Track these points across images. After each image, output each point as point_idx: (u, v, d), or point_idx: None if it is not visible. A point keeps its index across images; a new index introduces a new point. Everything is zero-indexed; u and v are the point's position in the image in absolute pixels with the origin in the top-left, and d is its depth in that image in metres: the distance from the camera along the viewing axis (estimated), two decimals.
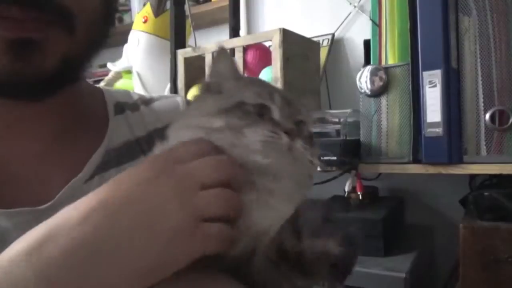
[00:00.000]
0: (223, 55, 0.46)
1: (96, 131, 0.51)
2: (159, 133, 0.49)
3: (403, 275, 0.91)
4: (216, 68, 0.46)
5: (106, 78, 1.82)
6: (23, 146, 0.46)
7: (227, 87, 0.44)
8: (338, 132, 1.06)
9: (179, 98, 0.61)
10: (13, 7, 0.36)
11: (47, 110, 0.46)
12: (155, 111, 0.57)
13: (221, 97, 0.43)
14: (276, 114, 0.41)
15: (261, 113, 0.40)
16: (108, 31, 0.48)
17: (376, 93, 1.04)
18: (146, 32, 1.64)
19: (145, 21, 1.65)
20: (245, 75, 1.32)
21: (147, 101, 0.58)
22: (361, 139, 1.08)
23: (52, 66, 0.40)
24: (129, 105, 0.56)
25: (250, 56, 1.30)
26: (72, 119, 0.50)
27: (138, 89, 1.67)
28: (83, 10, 0.42)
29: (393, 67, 1.03)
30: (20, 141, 0.46)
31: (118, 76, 1.82)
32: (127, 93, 0.58)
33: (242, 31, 1.74)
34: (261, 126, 0.39)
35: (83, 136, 0.50)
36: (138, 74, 1.67)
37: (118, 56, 1.75)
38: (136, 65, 1.68)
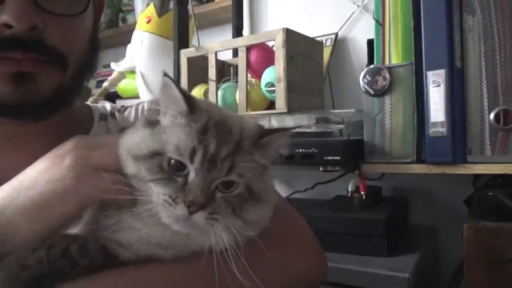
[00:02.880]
0: (171, 83, 0.40)
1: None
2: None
3: (407, 275, 0.90)
4: (162, 95, 0.41)
5: (110, 78, 1.83)
6: (21, 157, 0.54)
7: (164, 122, 0.41)
8: (341, 132, 1.06)
9: (146, 103, 0.73)
10: (17, 51, 0.50)
11: (42, 128, 0.58)
12: (125, 117, 0.72)
13: (150, 134, 0.41)
14: (191, 176, 0.38)
15: (179, 167, 0.39)
16: (93, 63, 0.62)
17: (380, 93, 1.04)
18: (150, 32, 1.65)
19: (149, 21, 1.65)
20: (249, 75, 1.32)
21: (121, 110, 0.73)
22: (364, 139, 1.07)
23: (46, 94, 0.53)
24: (109, 114, 0.71)
25: (253, 55, 1.30)
26: (64, 133, 0.59)
27: (141, 89, 1.68)
28: (74, 52, 0.55)
29: (396, 66, 1.03)
30: (19, 153, 0.57)
31: (122, 76, 1.82)
32: (104, 106, 0.74)
33: (245, 30, 1.74)
34: (163, 188, 0.38)
35: None
36: (142, 74, 1.67)
37: (122, 56, 1.75)
38: (139, 65, 1.68)
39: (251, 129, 0.43)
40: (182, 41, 1.49)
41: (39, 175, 0.42)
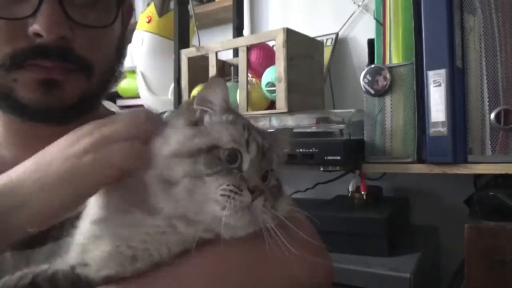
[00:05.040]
0: (217, 83, 0.44)
1: None
2: None
3: (408, 275, 0.90)
4: (206, 95, 0.44)
5: None
6: None
7: (209, 120, 0.44)
8: (342, 132, 1.06)
9: (164, 116, 0.73)
10: (45, 59, 0.52)
11: (66, 131, 0.60)
12: None
13: (197, 132, 0.42)
14: (246, 165, 0.41)
15: (232, 159, 0.41)
16: (119, 71, 0.64)
17: (380, 93, 1.04)
18: (150, 32, 1.65)
19: (149, 21, 1.65)
20: (249, 75, 1.32)
21: None
22: (365, 139, 1.07)
23: (71, 101, 0.55)
24: None
25: (253, 55, 1.30)
26: None
27: (142, 89, 1.68)
28: (100, 61, 0.58)
29: (397, 66, 1.03)
30: None
31: (122, 75, 1.82)
32: None
33: (246, 30, 1.75)
34: (226, 178, 0.39)
35: None
36: (142, 74, 1.67)
37: None
38: (140, 65, 1.68)
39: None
40: (183, 41, 1.49)
41: (58, 152, 0.42)
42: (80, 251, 0.41)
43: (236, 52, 1.44)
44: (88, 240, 0.42)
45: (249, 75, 1.33)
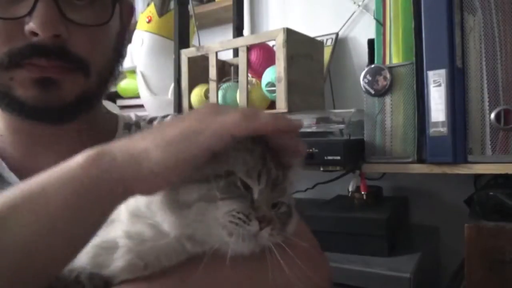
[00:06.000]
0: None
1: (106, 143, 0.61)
2: None
3: (408, 275, 0.90)
4: None
5: None
6: (46, 157, 0.60)
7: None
8: (342, 132, 1.06)
9: (169, 118, 0.75)
10: (42, 58, 0.52)
11: (67, 131, 0.61)
12: (149, 126, 0.72)
13: (213, 156, 0.41)
14: (255, 195, 0.42)
15: (246, 186, 0.41)
16: (117, 70, 0.64)
17: (380, 93, 1.04)
18: (150, 32, 1.65)
19: (149, 21, 1.65)
20: (249, 75, 1.32)
21: (149, 120, 0.75)
22: (365, 139, 1.07)
23: (69, 100, 0.55)
24: (134, 124, 0.73)
25: (253, 55, 1.30)
26: (88, 137, 0.63)
27: (142, 89, 1.68)
28: (97, 59, 0.57)
29: (397, 66, 1.03)
30: (44, 153, 0.61)
31: (122, 76, 1.83)
32: (129, 115, 0.76)
33: (246, 30, 1.75)
34: (237, 204, 0.40)
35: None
36: (142, 74, 1.67)
37: None
38: (140, 65, 1.68)
39: None
40: (183, 41, 1.49)
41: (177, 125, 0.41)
42: (92, 257, 0.42)
43: (236, 52, 1.44)
44: (98, 248, 0.42)
45: (249, 75, 1.33)
